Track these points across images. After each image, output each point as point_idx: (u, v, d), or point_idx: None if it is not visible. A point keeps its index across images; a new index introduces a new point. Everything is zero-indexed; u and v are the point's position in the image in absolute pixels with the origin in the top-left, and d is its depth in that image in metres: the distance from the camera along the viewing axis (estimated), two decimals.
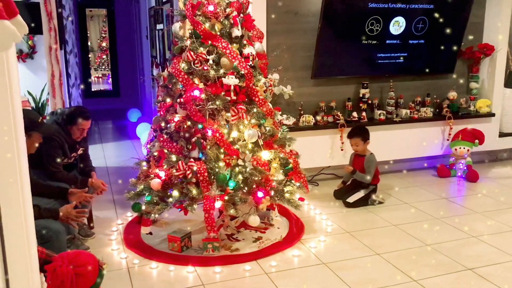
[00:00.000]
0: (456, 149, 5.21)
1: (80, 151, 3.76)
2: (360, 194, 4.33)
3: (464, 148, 5.17)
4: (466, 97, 5.49)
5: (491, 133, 5.52)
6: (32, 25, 4.93)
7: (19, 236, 1.51)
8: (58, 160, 3.49)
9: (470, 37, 5.39)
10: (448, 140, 5.39)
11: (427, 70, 5.30)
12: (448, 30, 5.14)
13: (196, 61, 3.41)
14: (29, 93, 5.10)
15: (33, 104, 5.08)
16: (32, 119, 2.92)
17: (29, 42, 5.32)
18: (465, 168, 5.19)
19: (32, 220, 1.66)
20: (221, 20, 3.46)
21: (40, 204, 2.91)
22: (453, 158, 5.30)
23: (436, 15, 5.00)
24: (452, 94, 5.40)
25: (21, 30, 1.30)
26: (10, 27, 1.16)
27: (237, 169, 3.38)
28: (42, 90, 5.22)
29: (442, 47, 5.21)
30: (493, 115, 5.54)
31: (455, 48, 5.27)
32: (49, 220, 2.83)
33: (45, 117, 4.01)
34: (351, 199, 4.31)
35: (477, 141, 5.19)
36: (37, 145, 3.00)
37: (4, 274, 1.46)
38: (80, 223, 3.29)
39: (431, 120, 5.32)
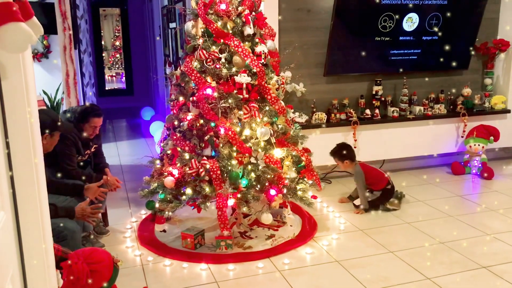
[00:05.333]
0: (470, 146, 5.16)
1: (93, 149, 3.80)
2: (369, 196, 4.20)
3: (478, 145, 5.12)
4: (480, 94, 5.42)
5: (506, 129, 5.44)
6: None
7: (36, 234, 1.53)
8: (73, 158, 3.53)
9: (485, 33, 5.32)
10: (462, 137, 5.34)
11: (440, 67, 5.25)
12: (462, 26, 5.08)
13: (208, 60, 3.42)
14: (44, 92, 5.16)
15: (48, 103, 5.14)
16: (54, 119, 2.98)
17: (44, 42, 5.38)
18: (480, 165, 5.14)
19: (48, 219, 1.69)
20: (233, 18, 3.46)
21: (56, 202, 2.95)
22: (468, 155, 5.25)
23: (450, 11, 4.94)
24: (467, 91, 5.33)
25: (36, 31, 1.32)
26: (26, 29, 1.17)
27: (249, 167, 3.40)
28: (57, 89, 5.28)
29: (456, 43, 5.15)
30: (509, 111, 5.46)
31: (469, 44, 5.21)
32: (64, 219, 2.86)
33: None
34: (357, 201, 4.22)
35: (492, 138, 5.13)
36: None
37: (22, 272, 1.49)
38: (96, 219, 3.32)
39: (445, 117, 5.27)
